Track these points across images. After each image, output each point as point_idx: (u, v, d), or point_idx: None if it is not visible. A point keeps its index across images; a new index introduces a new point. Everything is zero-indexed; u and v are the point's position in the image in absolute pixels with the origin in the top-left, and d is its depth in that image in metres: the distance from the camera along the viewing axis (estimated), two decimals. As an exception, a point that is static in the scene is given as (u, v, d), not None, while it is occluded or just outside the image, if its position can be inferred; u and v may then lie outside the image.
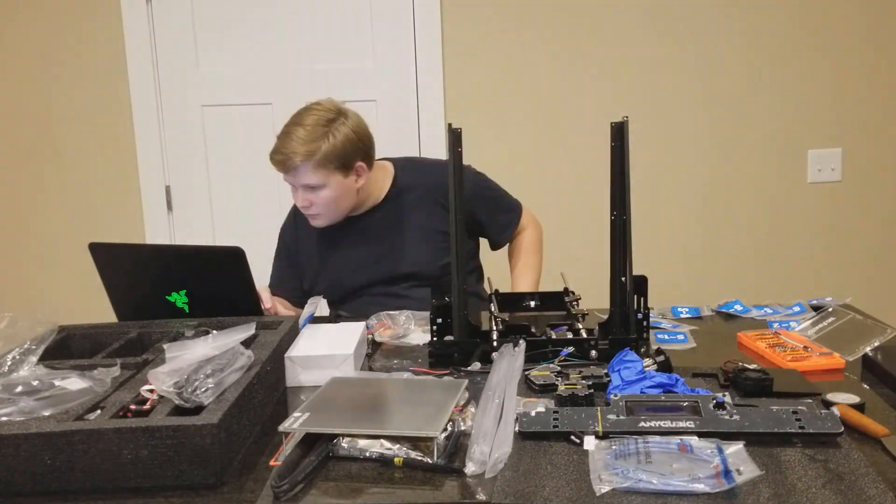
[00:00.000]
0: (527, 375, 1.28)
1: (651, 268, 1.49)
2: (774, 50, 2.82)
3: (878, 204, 2.93)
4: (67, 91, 2.82)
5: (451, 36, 2.78)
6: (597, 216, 2.01)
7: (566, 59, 2.81)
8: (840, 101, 2.86)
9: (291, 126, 1.79)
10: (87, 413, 1.06)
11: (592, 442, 1.03)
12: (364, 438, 1.02)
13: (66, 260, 2.86)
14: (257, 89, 2.85)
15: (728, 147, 2.88)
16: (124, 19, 2.77)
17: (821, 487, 0.91)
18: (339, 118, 1.80)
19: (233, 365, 1.13)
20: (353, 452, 1.02)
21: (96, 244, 1.57)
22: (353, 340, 1.39)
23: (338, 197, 1.82)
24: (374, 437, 1.02)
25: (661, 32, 2.81)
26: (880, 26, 2.83)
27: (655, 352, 1.35)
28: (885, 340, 1.40)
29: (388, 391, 1.24)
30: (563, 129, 2.85)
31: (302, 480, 0.96)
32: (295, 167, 1.77)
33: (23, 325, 1.26)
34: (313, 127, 1.77)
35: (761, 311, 1.71)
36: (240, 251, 1.49)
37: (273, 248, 2.51)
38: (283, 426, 1.05)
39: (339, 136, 1.78)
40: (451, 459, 1.00)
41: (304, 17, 2.81)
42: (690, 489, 0.90)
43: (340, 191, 1.82)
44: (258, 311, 1.54)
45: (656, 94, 2.84)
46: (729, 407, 1.08)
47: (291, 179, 1.82)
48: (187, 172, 2.90)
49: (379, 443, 1.02)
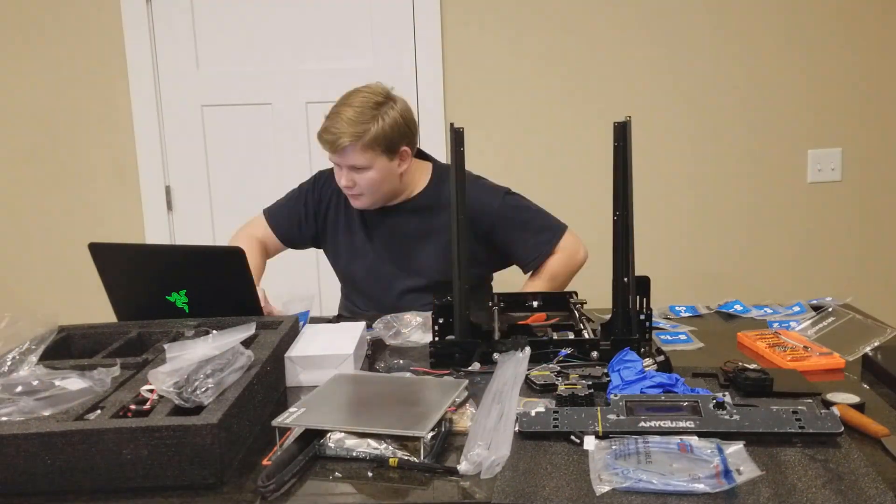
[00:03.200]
0: (527, 375, 1.28)
1: (651, 268, 1.49)
2: (774, 50, 2.82)
3: (878, 204, 2.93)
4: (67, 91, 2.82)
5: (451, 36, 2.79)
6: (597, 216, 2.02)
7: (566, 59, 2.81)
8: (840, 101, 2.86)
9: (341, 107, 1.81)
10: (87, 413, 1.06)
11: (592, 442, 1.03)
12: (352, 437, 1.03)
13: (66, 260, 2.86)
14: (257, 89, 2.85)
15: (728, 147, 2.88)
16: (124, 19, 2.77)
17: (821, 487, 0.91)
18: (388, 102, 1.83)
19: (233, 365, 1.13)
20: (339, 452, 1.02)
21: (96, 244, 1.57)
22: (353, 340, 1.40)
23: (381, 179, 1.84)
24: (362, 436, 1.03)
25: (661, 33, 2.81)
26: (880, 26, 2.83)
27: (656, 351, 1.35)
28: (885, 340, 1.40)
29: (387, 389, 1.24)
30: (562, 128, 2.85)
31: (288, 480, 0.96)
32: (343, 148, 1.79)
33: (23, 325, 1.26)
34: (362, 109, 1.79)
35: (761, 311, 1.71)
36: (240, 251, 1.49)
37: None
38: (276, 421, 1.06)
39: (388, 120, 1.80)
40: (439, 459, 1.01)
41: (304, 17, 2.81)
42: (690, 489, 0.90)
43: (384, 173, 1.83)
44: (258, 311, 1.54)
45: (656, 94, 2.84)
46: (729, 407, 1.08)
47: (337, 159, 1.84)
48: (187, 172, 2.89)
49: (366, 442, 1.02)
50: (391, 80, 2.84)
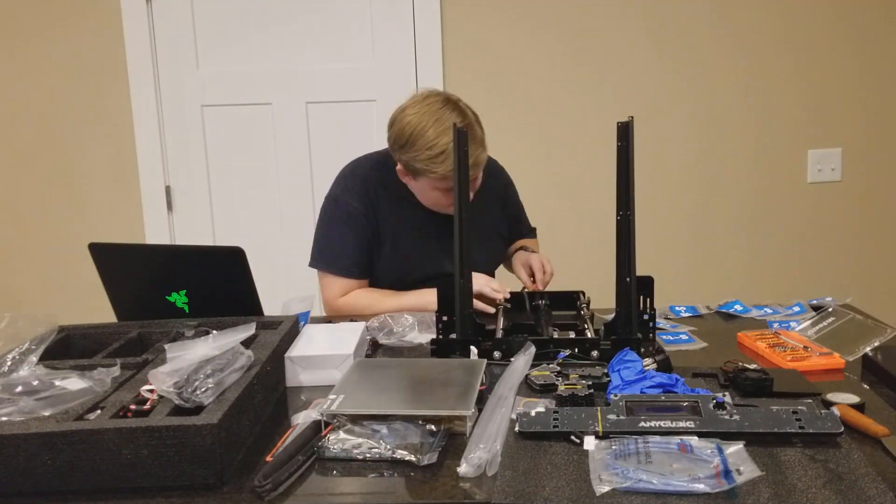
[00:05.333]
0: (527, 375, 1.28)
1: (651, 267, 1.49)
2: (774, 50, 2.82)
3: (878, 204, 2.93)
4: (67, 91, 2.82)
5: (451, 36, 2.79)
6: (597, 216, 2.02)
7: (566, 60, 2.81)
8: (840, 101, 2.86)
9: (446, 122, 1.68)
10: (87, 413, 1.06)
11: (592, 442, 1.03)
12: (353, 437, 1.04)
13: (66, 260, 2.86)
14: (257, 89, 2.85)
15: (728, 147, 2.88)
16: (124, 19, 2.77)
17: (821, 487, 0.91)
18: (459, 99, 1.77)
19: (233, 365, 1.13)
20: (339, 454, 1.02)
21: (96, 244, 1.57)
22: (353, 340, 1.39)
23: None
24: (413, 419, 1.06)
25: (661, 33, 2.81)
26: (880, 26, 2.83)
27: (655, 350, 1.35)
28: (885, 340, 1.40)
29: (413, 373, 1.27)
30: (563, 129, 2.85)
31: (286, 480, 0.97)
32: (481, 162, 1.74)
33: (23, 325, 1.26)
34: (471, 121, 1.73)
35: (761, 311, 1.71)
36: (240, 251, 1.49)
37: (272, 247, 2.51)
38: (323, 409, 1.08)
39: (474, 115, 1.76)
40: (439, 460, 1.01)
41: (304, 17, 2.81)
42: (690, 489, 0.90)
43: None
44: (258, 311, 1.54)
45: (656, 95, 2.84)
46: (729, 407, 1.08)
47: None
48: (187, 172, 2.90)
49: (367, 443, 1.02)
50: (391, 80, 2.87)
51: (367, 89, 2.83)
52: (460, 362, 1.31)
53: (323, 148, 2.87)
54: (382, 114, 2.82)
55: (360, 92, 2.84)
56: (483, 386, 1.19)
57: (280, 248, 2.88)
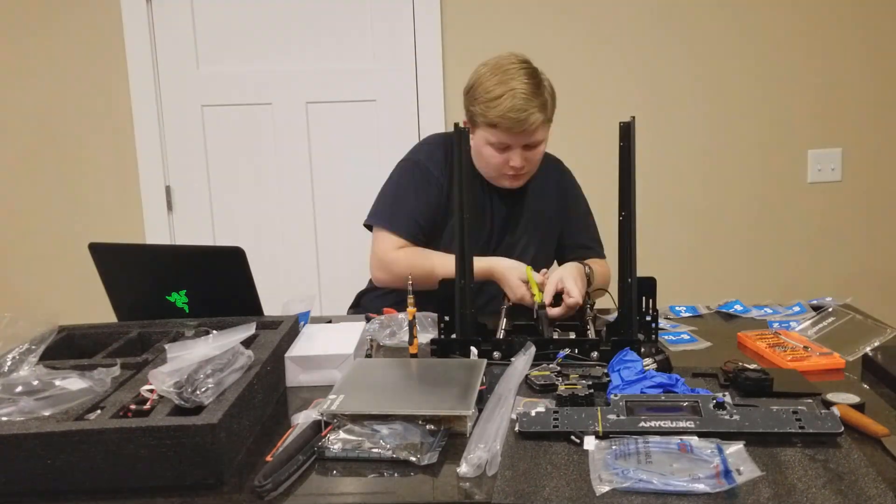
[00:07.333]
0: (527, 375, 1.28)
1: (651, 267, 1.49)
2: (774, 50, 2.83)
3: (878, 204, 2.93)
4: (67, 91, 2.82)
5: (451, 36, 2.79)
6: (599, 217, 2.01)
7: (566, 60, 2.80)
8: (840, 101, 2.86)
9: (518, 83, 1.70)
10: (87, 413, 1.06)
11: (592, 442, 1.03)
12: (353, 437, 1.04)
13: (66, 260, 2.86)
14: (257, 89, 2.85)
15: (728, 147, 2.88)
16: (124, 19, 2.77)
17: (821, 487, 0.91)
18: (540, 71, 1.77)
19: (233, 365, 1.13)
20: (339, 454, 1.02)
21: (96, 244, 1.57)
22: (353, 340, 1.39)
23: (544, 150, 1.79)
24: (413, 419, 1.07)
25: (661, 33, 2.81)
26: (880, 26, 2.83)
27: (655, 350, 1.35)
28: (885, 340, 1.40)
29: (414, 373, 1.28)
30: (563, 129, 2.84)
31: (285, 480, 0.97)
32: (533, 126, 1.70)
33: (23, 325, 1.26)
34: (539, 83, 1.72)
35: (761, 311, 1.71)
36: (240, 251, 1.49)
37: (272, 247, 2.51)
38: (323, 409, 1.08)
39: (551, 88, 1.75)
40: (439, 460, 1.01)
41: (304, 17, 2.81)
42: (690, 489, 0.90)
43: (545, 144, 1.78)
44: (258, 311, 1.54)
45: (656, 95, 2.84)
46: (729, 407, 1.08)
47: (516, 139, 1.72)
48: (187, 172, 2.90)
49: (367, 443, 1.02)
50: (391, 80, 2.87)
51: (367, 89, 2.84)
52: (460, 362, 1.31)
53: (323, 148, 2.88)
54: (382, 114, 2.86)
55: (360, 92, 2.84)
56: (483, 386, 1.19)
57: (280, 248, 2.88)
